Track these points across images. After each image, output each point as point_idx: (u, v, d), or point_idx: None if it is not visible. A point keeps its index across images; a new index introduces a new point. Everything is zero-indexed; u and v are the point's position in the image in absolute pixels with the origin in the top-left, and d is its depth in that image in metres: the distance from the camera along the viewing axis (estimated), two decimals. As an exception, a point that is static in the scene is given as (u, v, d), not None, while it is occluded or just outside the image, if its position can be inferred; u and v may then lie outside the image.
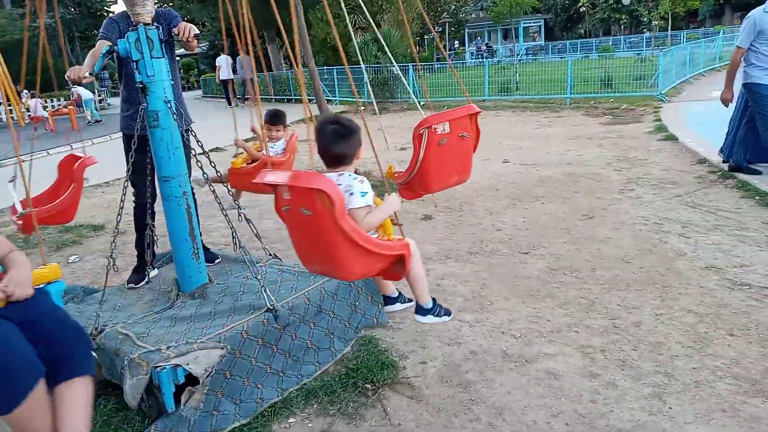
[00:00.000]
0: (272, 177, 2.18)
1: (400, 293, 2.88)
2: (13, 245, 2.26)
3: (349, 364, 2.96)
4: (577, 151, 8.46)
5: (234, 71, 20.68)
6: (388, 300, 2.88)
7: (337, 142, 2.33)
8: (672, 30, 37.74)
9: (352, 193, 2.26)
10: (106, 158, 4.04)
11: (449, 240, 4.84)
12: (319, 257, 2.26)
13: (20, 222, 3.54)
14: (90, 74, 3.07)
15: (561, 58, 26.69)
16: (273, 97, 22.89)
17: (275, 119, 4.30)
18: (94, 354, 2.73)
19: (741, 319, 3.17)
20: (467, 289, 3.84)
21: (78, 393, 2.02)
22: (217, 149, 10.59)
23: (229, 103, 20.86)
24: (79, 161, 3.91)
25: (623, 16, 44.47)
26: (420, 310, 2.66)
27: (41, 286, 2.50)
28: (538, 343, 3.10)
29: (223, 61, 20.76)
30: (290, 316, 2.93)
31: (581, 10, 48.85)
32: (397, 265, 2.36)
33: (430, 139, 3.00)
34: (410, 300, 2.80)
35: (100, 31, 3.45)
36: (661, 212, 5.13)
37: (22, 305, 2.01)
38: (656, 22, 43.29)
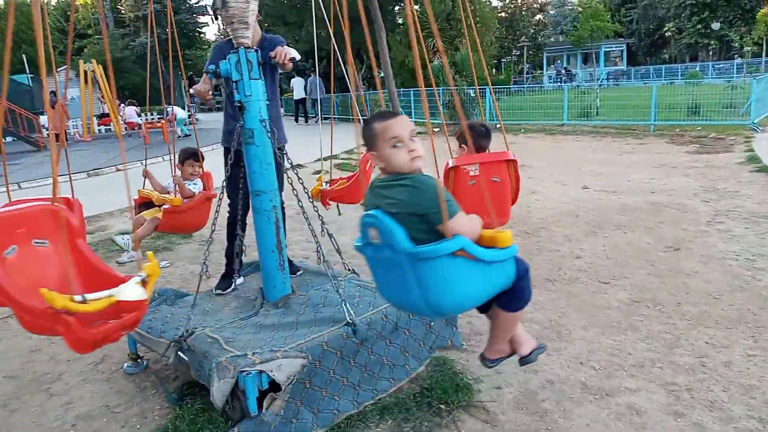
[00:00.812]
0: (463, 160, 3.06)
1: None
2: None
3: (424, 384, 2.98)
4: (662, 179, 8.15)
5: (305, 92, 21.73)
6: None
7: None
8: (767, 56, 35.71)
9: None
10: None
11: (526, 265, 4.78)
12: (491, 213, 2.39)
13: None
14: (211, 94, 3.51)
15: (644, 83, 25.87)
16: (349, 116, 23.43)
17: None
18: (182, 355, 2.91)
19: None
20: (544, 316, 3.78)
21: None
22: (299, 165, 10.93)
23: (296, 120, 21.83)
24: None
25: (712, 42, 42.51)
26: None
27: None
28: (620, 376, 3.01)
29: (296, 82, 21.89)
30: (368, 332, 2.99)
31: (666, 34, 47.14)
32: None
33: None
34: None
35: (206, 66, 3.69)
36: (753, 247, 4.86)
37: None
38: (749, 48, 41.12)
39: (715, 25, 39.32)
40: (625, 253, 4.97)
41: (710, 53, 43.99)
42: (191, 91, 3.44)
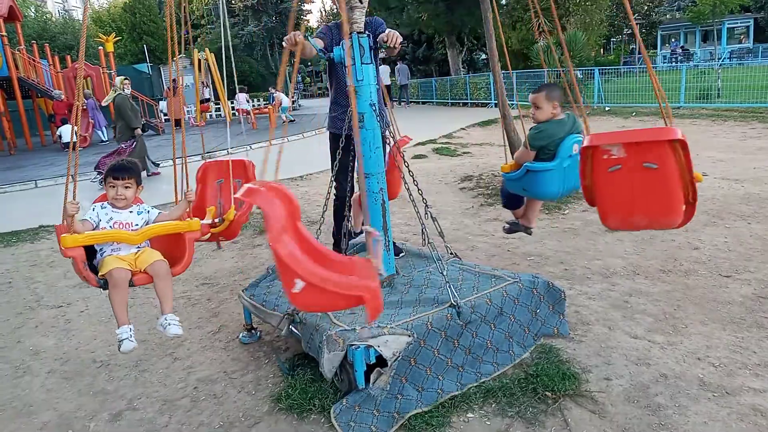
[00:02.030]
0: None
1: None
2: None
3: (528, 370, 2.95)
4: (794, 167, 7.44)
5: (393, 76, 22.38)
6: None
7: None
8: None
9: None
10: (299, 155, 4.47)
11: (638, 255, 4.56)
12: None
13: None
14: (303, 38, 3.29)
15: (774, 61, 23.59)
16: (448, 100, 23.28)
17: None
18: (293, 329, 3.07)
19: None
20: (658, 309, 3.60)
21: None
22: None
23: (384, 105, 22.09)
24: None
25: None
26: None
27: None
28: (742, 375, 2.82)
29: (382, 69, 22.35)
30: (472, 314, 3.00)
31: (804, 6, 42.44)
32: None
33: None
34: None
35: (317, 32, 3.78)
36: None
37: None
38: None
39: None
40: (749, 245, 4.61)
41: None
42: (283, 43, 3.33)
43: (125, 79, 10.14)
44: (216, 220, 3.49)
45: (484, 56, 28.40)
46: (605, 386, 2.80)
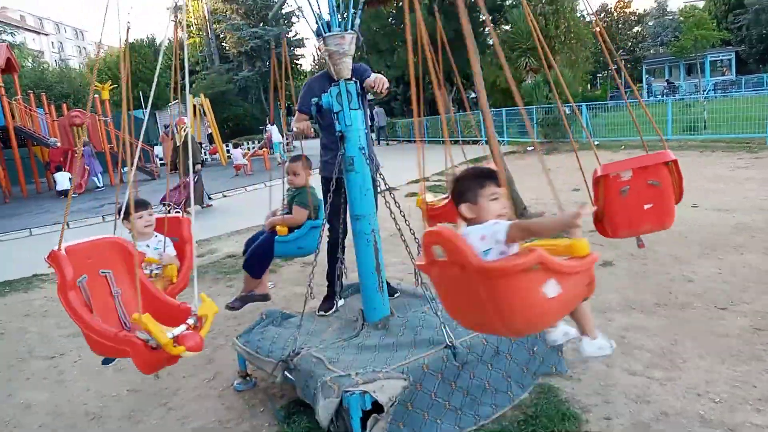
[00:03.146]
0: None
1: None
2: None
3: (528, 411, 2.91)
4: (783, 196, 7.50)
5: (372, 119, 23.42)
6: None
7: None
8: None
9: None
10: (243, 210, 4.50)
11: (632, 289, 4.55)
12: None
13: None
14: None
15: (757, 92, 24.03)
16: (439, 138, 23.54)
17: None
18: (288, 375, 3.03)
19: None
20: (655, 344, 3.57)
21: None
22: (393, 188, 11.14)
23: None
24: None
25: (838, 43, 38.77)
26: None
27: None
28: (743, 410, 2.78)
29: (377, 111, 23.52)
30: (468, 355, 2.97)
31: (783, 39, 43.60)
32: None
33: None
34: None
35: (298, 104, 3.85)
36: None
37: None
38: None
39: (841, 25, 35.86)
40: (743, 276, 4.62)
41: (836, 56, 40.13)
42: (293, 128, 3.64)
43: (184, 120, 11.34)
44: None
45: (473, 95, 28.84)
46: (606, 426, 2.76)
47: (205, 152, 22.13)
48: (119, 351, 2.30)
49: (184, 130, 10.79)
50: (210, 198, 11.98)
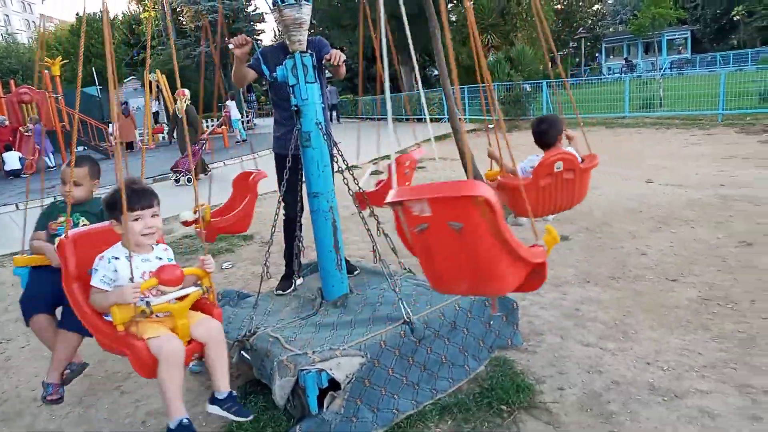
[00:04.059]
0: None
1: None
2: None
3: (484, 384, 2.95)
4: (732, 171, 7.74)
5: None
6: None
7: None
8: None
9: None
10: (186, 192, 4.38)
11: (588, 263, 4.65)
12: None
13: (204, 232, 3.91)
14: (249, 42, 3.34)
15: (710, 71, 24.67)
16: (403, 116, 23.48)
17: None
18: (245, 355, 2.98)
19: None
20: (609, 316, 3.66)
21: (62, 338, 2.82)
22: (353, 166, 11.09)
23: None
24: (252, 176, 4.06)
25: (787, 24, 40.03)
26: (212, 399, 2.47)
27: None
28: (690, 378, 2.88)
29: (329, 90, 23.32)
30: (425, 330, 2.98)
31: (735, 18, 44.76)
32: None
33: (407, 220, 1.99)
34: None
35: (252, 60, 3.72)
36: (837, 242, 4.55)
37: None
38: (828, 29, 38.50)
39: (790, 6, 36.99)
40: (693, 249, 4.76)
41: (785, 36, 41.43)
42: (231, 45, 3.32)
43: (184, 92, 11.61)
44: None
45: (436, 72, 28.78)
46: (559, 396, 2.81)
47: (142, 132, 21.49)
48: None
49: (184, 102, 11.34)
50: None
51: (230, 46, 3.28)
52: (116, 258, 2.32)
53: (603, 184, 7.66)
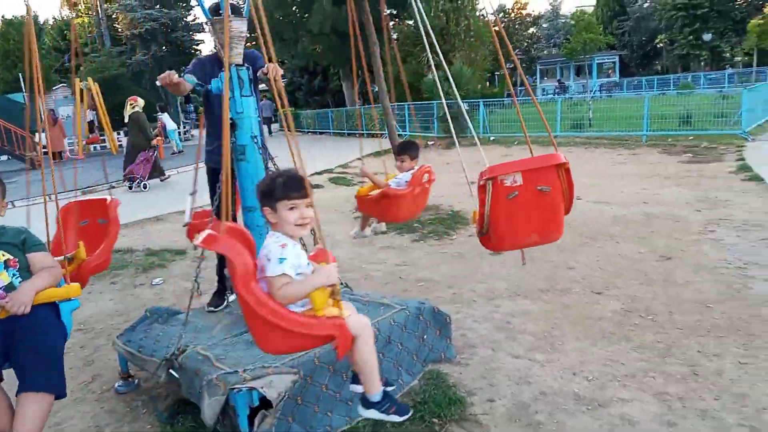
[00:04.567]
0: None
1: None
2: (55, 264, 2.50)
3: (417, 398, 2.97)
4: (654, 189, 8.19)
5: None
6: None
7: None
8: (758, 66, 36.11)
9: (269, 260, 2.08)
10: (190, 187, 4.29)
11: (519, 276, 4.79)
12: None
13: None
14: (179, 77, 3.21)
15: (637, 94, 26.07)
16: (344, 131, 23.58)
17: (401, 150, 4.05)
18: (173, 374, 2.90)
19: (837, 374, 2.97)
20: (538, 328, 3.78)
21: (26, 406, 2.14)
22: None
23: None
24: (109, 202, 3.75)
25: (703, 53, 42.98)
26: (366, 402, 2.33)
27: (56, 301, 2.50)
28: (612, 387, 3.01)
29: (263, 104, 23.45)
30: (360, 346, 2.98)
31: (658, 46, 47.64)
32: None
33: (496, 192, 2.66)
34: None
35: (188, 68, 3.68)
36: (745, 255, 4.88)
37: (17, 317, 2.26)
38: (740, 59, 41.56)
39: (707, 36, 39.78)
40: (617, 263, 4.99)
41: (702, 64, 44.47)
42: (157, 80, 3.22)
43: (136, 98, 11.92)
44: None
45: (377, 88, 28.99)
46: (489, 408, 2.87)
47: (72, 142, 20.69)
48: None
49: (133, 108, 11.51)
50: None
51: (157, 83, 3.20)
52: (285, 245, 2.14)
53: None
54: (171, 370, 2.95)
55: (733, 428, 2.58)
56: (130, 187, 11.53)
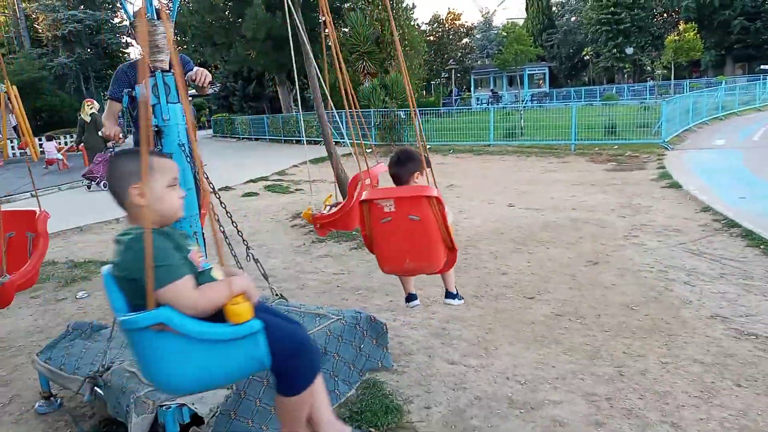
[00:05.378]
0: (372, 195, 2.82)
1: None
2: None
3: (354, 408, 2.95)
4: (582, 197, 8.53)
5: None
6: (412, 297, 3.32)
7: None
8: (675, 79, 38.47)
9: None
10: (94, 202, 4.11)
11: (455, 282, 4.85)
12: (417, 257, 2.82)
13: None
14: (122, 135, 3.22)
15: (565, 104, 27.15)
16: (280, 137, 23.32)
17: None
18: (99, 391, 2.75)
19: (748, 369, 3.16)
20: (472, 333, 3.84)
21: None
22: (227, 188, 10.78)
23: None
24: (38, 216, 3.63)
25: (627, 65, 45.44)
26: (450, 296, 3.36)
27: None
28: (544, 389, 3.09)
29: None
30: (296, 357, 2.94)
31: (585, 58, 49.93)
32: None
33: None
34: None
35: (110, 90, 3.56)
36: (665, 260, 5.15)
37: None
38: (659, 71, 44.16)
39: (629, 50, 42.04)
40: (548, 268, 5.15)
41: (625, 76, 46.96)
42: (101, 133, 3.25)
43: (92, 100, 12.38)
44: None
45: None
46: (425, 415, 2.89)
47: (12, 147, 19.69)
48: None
49: (90, 109, 11.83)
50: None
51: (101, 132, 3.37)
52: None
53: (470, 208, 8.11)
54: (96, 388, 2.81)
55: (656, 425, 2.70)
56: (89, 187, 12.01)
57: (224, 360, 1.79)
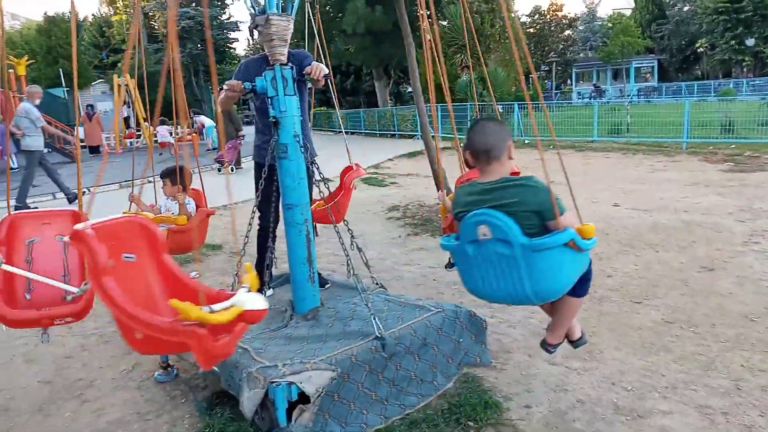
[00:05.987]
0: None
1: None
2: None
3: (452, 400, 2.96)
4: (695, 198, 8.00)
5: None
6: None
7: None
8: (804, 73, 35.00)
9: None
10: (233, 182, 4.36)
11: (555, 283, 4.73)
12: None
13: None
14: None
15: (676, 100, 25.50)
16: (376, 131, 23.63)
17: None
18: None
19: None
20: (574, 334, 3.72)
21: None
22: (328, 179, 11.10)
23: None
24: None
25: (747, 58, 41.80)
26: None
27: None
28: (652, 398, 2.95)
29: None
30: (396, 346, 2.99)
31: (699, 50, 46.52)
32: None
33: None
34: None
35: (235, 73, 3.74)
36: (792, 269, 4.73)
37: None
38: (785, 65, 40.36)
39: (750, 41, 38.67)
40: (657, 272, 4.89)
41: (744, 69, 43.23)
42: (224, 86, 3.39)
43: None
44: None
45: (410, 89, 29.11)
46: (525, 414, 2.85)
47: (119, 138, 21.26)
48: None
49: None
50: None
51: (224, 87, 3.38)
52: None
53: (573, 206, 7.83)
54: (211, 362, 3.00)
55: (780, 446, 2.51)
56: (219, 170, 13.44)
57: (581, 266, 2.46)
